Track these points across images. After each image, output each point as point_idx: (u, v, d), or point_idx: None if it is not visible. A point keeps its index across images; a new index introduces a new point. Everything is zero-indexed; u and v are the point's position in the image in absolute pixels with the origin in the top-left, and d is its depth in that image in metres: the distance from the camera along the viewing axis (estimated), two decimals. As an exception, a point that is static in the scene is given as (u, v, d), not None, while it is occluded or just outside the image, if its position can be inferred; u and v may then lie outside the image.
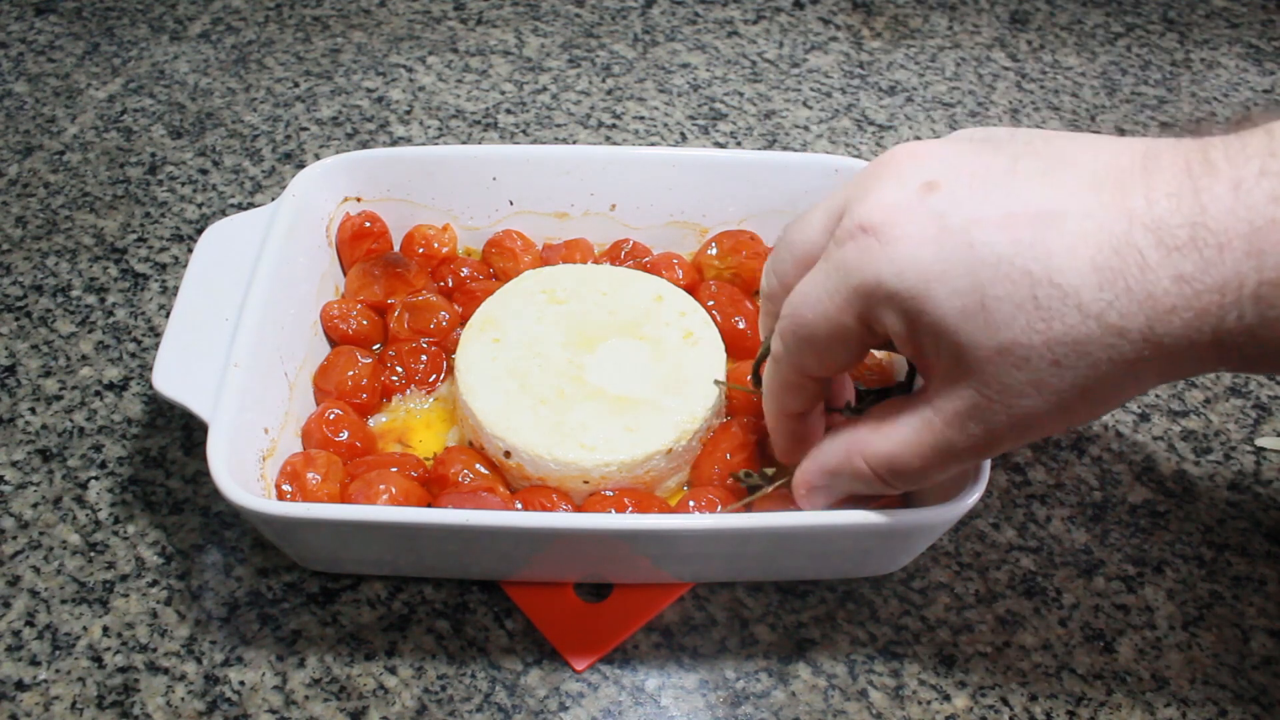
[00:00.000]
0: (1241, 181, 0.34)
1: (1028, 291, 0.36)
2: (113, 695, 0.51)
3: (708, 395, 0.56)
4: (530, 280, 0.63)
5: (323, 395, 0.59)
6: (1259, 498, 0.61)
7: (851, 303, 0.40)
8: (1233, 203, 0.34)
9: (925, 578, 0.56)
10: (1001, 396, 0.38)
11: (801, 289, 0.42)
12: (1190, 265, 0.35)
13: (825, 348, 0.42)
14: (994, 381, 0.38)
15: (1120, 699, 0.52)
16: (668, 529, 0.49)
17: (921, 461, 0.42)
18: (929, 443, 0.41)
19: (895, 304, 0.38)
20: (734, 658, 0.53)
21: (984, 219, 0.37)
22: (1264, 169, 0.34)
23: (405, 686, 0.52)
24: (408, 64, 0.91)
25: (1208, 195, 0.35)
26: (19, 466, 0.61)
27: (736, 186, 0.66)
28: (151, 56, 0.91)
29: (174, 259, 0.73)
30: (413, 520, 0.48)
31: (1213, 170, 0.35)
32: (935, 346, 0.39)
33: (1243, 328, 0.35)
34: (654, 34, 0.96)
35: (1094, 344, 0.36)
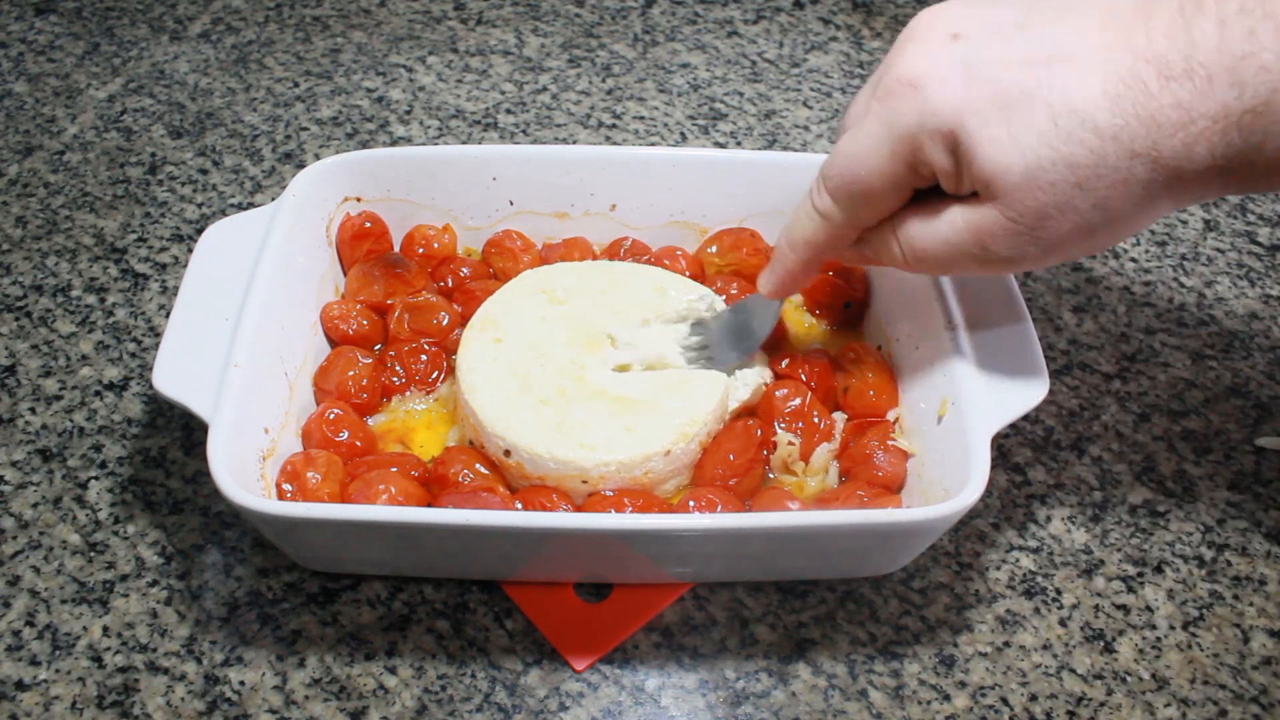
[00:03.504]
0: (1225, 19, 0.39)
1: (1048, 120, 0.40)
2: (113, 695, 0.51)
3: (709, 397, 0.56)
4: (529, 280, 0.63)
5: (323, 395, 0.59)
6: (1259, 498, 0.61)
7: (899, 149, 0.44)
8: (1217, 39, 0.39)
9: (925, 578, 0.56)
10: (1026, 218, 0.43)
11: (847, 150, 0.46)
12: (1186, 93, 0.39)
13: (878, 196, 0.47)
14: (1020, 204, 0.42)
15: (1120, 699, 0.52)
16: (668, 529, 0.49)
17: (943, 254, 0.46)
18: (953, 243, 0.46)
19: (937, 140, 0.43)
20: (734, 658, 0.53)
21: (1005, 61, 0.41)
22: (1242, 7, 0.38)
23: (405, 686, 0.52)
24: (408, 64, 0.91)
25: (1197, 32, 0.39)
26: (19, 466, 0.61)
27: (736, 186, 0.66)
28: (151, 56, 0.91)
29: (174, 259, 0.73)
30: (413, 520, 0.48)
31: (1201, 9, 0.39)
32: (971, 176, 0.43)
33: (1234, 152, 0.40)
34: (654, 34, 0.96)
35: (1110, 165, 0.40)
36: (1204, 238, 0.77)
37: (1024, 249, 0.44)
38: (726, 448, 0.56)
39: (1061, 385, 0.66)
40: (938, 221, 0.46)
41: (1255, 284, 0.74)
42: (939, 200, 0.46)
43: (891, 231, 0.48)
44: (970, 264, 0.46)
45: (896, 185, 0.46)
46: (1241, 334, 0.70)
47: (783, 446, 0.57)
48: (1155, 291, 0.73)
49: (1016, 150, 0.41)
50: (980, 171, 0.42)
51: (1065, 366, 0.68)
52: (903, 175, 0.45)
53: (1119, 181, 0.41)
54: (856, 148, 0.46)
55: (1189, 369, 0.68)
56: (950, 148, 0.43)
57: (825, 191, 0.48)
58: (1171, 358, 0.68)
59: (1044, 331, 0.69)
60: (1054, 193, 0.41)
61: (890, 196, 0.47)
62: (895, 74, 0.44)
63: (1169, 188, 0.41)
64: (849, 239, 0.50)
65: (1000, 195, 0.42)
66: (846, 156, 0.46)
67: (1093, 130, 0.40)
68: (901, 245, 0.48)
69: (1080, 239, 0.43)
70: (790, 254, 0.52)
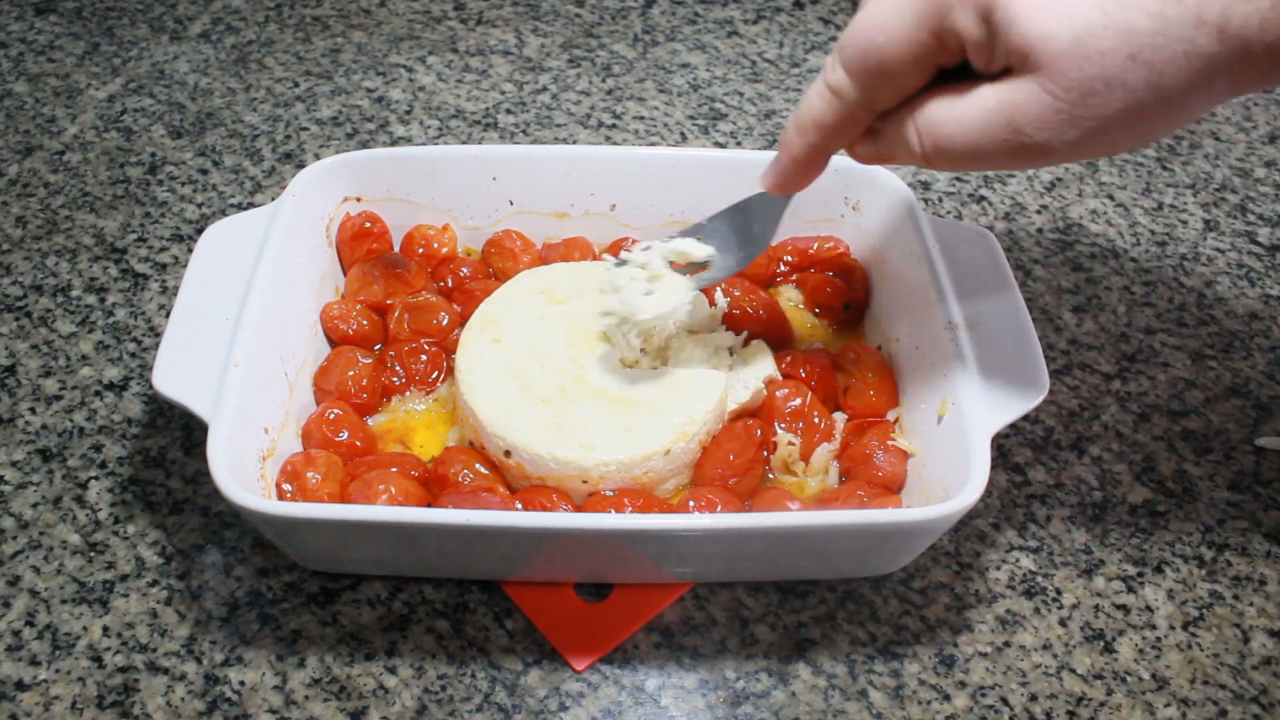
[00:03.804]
0: None
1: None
2: (113, 695, 0.51)
3: (708, 397, 0.56)
4: (528, 280, 0.63)
5: (323, 395, 0.59)
6: (1259, 498, 0.61)
7: (924, 15, 0.39)
8: None
9: (925, 578, 0.56)
10: (1070, 94, 0.37)
11: (866, 18, 0.41)
12: None
13: (897, 71, 0.41)
14: (1064, 77, 0.37)
15: (1120, 699, 0.52)
16: (668, 529, 0.49)
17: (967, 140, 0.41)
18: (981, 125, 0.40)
19: (969, 4, 0.38)
20: (734, 658, 0.53)
21: None
22: None
23: (405, 686, 0.52)
24: (408, 64, 0.91)
25: None
26: (19, 466, 0.61)
27: (736, 186, 0.66)
28: (151, 56, 0.91)
29: (174, 259, 0.73)
30: (413, 520, 0.48)
31: None
32: (1007, 46, 0.38)
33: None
34: (654, 34, 0.96)
35: (1171, 35, 0.36)
36: (1204, 238, 0.77)
37: (1062, 131, 0.39)
38: (727, 447, 0.56)
39: (1061, 385, 0.66)
40: (964, 101, 0.41)
41: (1255, 284, 0.74)
42: (965, 81, 0.41)
43: (910, 116, 0.43)
44: (999, 153, 0.40)
45: (918, 58, 0.41)
46: (1241, 334, 0.70)
47: (783, 446, 0.57)
48: (1155, 291, 0.73)
49: (1064, 13, 0.36)
50: (1020, 38, 0.37)
51: (1065, 366, 0.67)
52: (926, 46, 0.40)
53: (1179, 53, 0.36)
54: (876, 14, 0.41)
55: (1189, 369, 0.68)
56: (984, 14, 0.38)
57: (839, 65, 0.43)
58: (1171, 358, 0.68)
59: (1044, 331, 0.69)
60: (1104, 64, 0.37)
61: (911, 72, 0.42)
62: None
63: (1232, 66, 0.37)
64: (862, 123, 0.45)
65: (1042, 66, 0.37)
66: (865, 25, 0.41)
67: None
68: (920, 133, 0.43)
69: (1126, 123, 0.38)
70: (797, 138, 0.47)
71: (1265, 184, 0.83)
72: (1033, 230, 0.77)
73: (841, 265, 0.66)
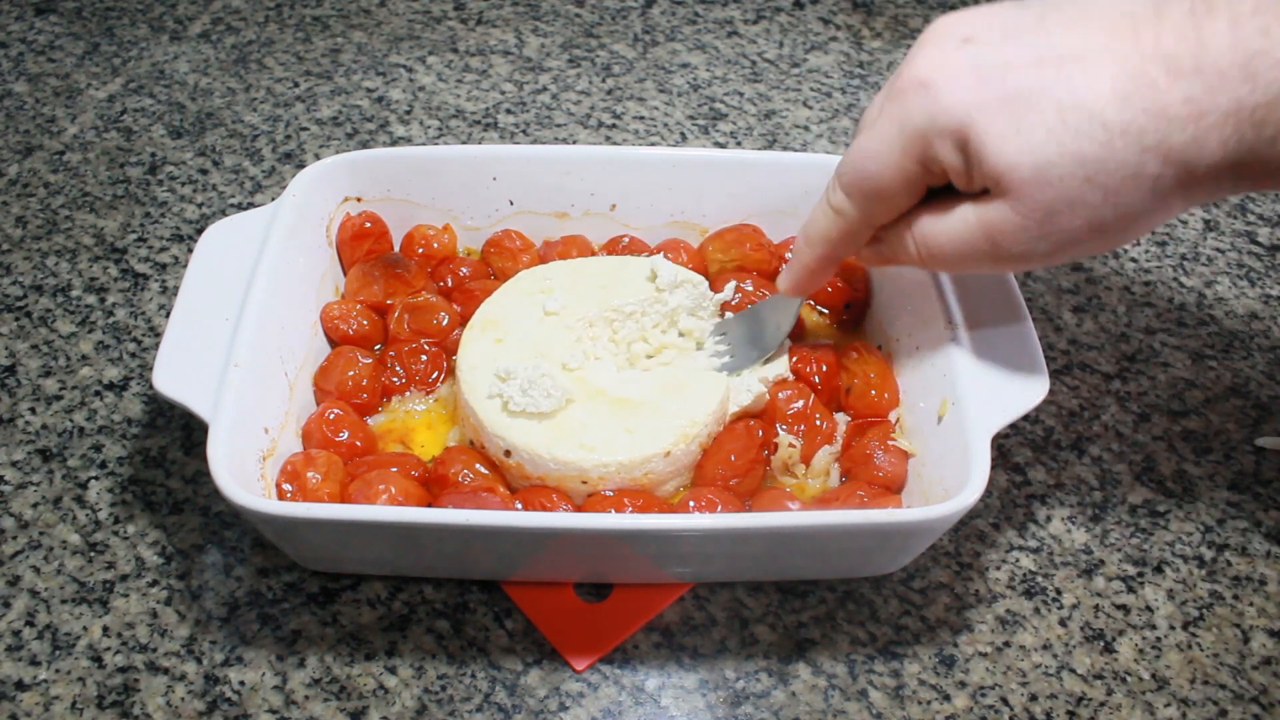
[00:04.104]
0: (1237, 19, 0.39)
1: (1056, 116, 0.41)
2: (113, 695, 0.51)
3: (709, 399, 0.56)
4: (527, 280, 0.62)
5: (323, 395, 0.59)
6: (1259, 498, 0.61)
7: (910, 147, 0.45)
8: (1230, 37, 0.39)
9: (925, 578, 0.56)
10: (1036, 214, 0.43)
11: (861, 148, 0.47)
12: (1196, 89, 0.40)
13: (890, 194, 0.47)
14: (1030, 200, 0.43)
15: (1120, 699, 0.52)
16: (668, 529, 0.49)
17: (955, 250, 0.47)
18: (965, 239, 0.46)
19: (947, 137, 0.44)
20: (734, 658, 0.53)
21: (1016, 63, 0.42)
22: (1257, 7, 0.39)
23: (405, 686, 0.52)
24: (408, 64, 0.91)
25: (1208, 31, 0.40)
26: (19, 466, 0.61)
27: (736, 186, 0.66)
28: (151, 56, 0.91)
29: (174, 259, 0.73)
30: (413, 520, 0.48)
31: (1212, 10, 0.40)
32: (981, 173, 0.43)
33: (1247, 146, 0.40)
34: (654, 34, 0.96)
35: (1119, 160, 0.41)
36: (1204, 238, 0.77)
37: (1034, 245, 0.44)
38: (728, 448, 0.56)
39: (1061, 385, 0.66)
40: (950, 218, 0.47)
41: (1255, 284, 0.74)
42: (951, 198, 0.47)
43: (906, 229, 0.49)
44: (982, 261, 0.47)
45: (909, 183, 0.47)
46: (1241, 334, 0.70)
47: (784, 448, 0.57)
48: (1155, 291, 0.73)
49: (1025, 147, 0.42)
50: (990, 168, 0.43)
51: (1065, 366, 0.67)
52: (915, 173, 0.46)
53: (1129, 176, 0.41)
54: (870, 146, 0.47)
55: (1189, 369, 0.68)
56: (960, 145, 0.43)
57: (840, 189, 0.49)
58: (1171, 358, 0.68)
59: (1044, 331, 0.69)
60: (1063, 188, 0.42)
61: (903, 194, 0.47)
62: (908, 74, 0.45)
63: (1180, 184, 0.42)
64: (864, 236, 0.51)
65: (1010, 191, 0.43)
66: (860, 154, 0.47)
67: (1101, 125, 0.41)
68: (916, 242, 0.49)
69: (1092, 236, 0.44)
70: (808, 250, 0.53)
71: (1265, 184, 0.82)
72: (1033, 230, 0.77)
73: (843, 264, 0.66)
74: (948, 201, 0.47)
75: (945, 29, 0.45)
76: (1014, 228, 0.44)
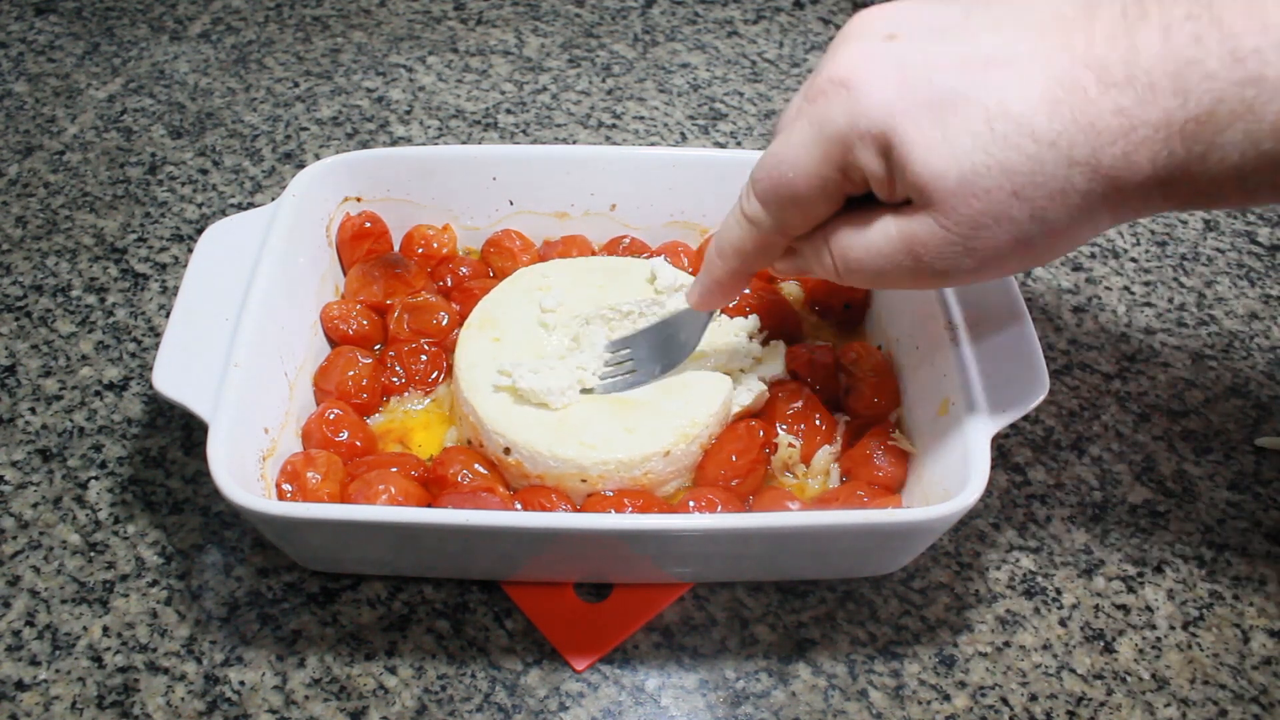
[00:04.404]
0: (1169, 25, 0.37)
1: (984, 124, 0.38)
2: (113, 695, 0.51)
3: (711, 400, 0.56)
4: (525, 278, 0.62)
5: (323, 395, 0.59)
6: (1259, 498, 0.61)
7: (829, 151, 0.42)
8: (1161, 46, 0.37)
9: (925, 578, 0.56)
10: (961, 227, 0.40)
11: (776, 152, 0.44)
12: (1127, 100, 0.37)
13: (807, 202, 0.44)
14: (955, 213, 0.40)
15: (1120, 699, 0.52)
16: (668, 529, 0.49)
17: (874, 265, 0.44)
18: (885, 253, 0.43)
19: (868, 142, 0.40)
20: (734, 658, 0.53)
21: (941, 63, 0.39)
22: (1189, 13, 0.37)
23: (405, 686, 0.52)
24: (408, 64, 0.91)
25: (1141, 38, 0.37)
26: (19, 466, 0.61)
27: (736, 186, 0.66)
28: (151, 56, 0.91)
29: (174, 259, 0.73)
30: (413, 520, 0.48)
31: (1145, 15, 0.38)
32: (904, 182, 0.40)
33: (1177, 163, 0.38)
34: (654, 34, 0.96)
35: (1047, 173, 0.38)
36: (1204, 238, 0.77)
37: (958, 260, 0.41)
38: (729, 448, 0.56)
39: (1061, 385, 0.66)
40: (870, 231, 0.43)
41: (1255, 284, 0.74)
42: (872, 209, 0.43)
43: (823, 240, 0.45)
44: (903, 276, 0.43)
45: (826, 190, 0.43)
46: (1241, 334, 0.70)
47: (784, 449, 0.57)
48: (1155, 291, 0.73)
49: (951, 155, 0.39)
50: (914, 177, 0.40)
51: (1065, 366, 0.67)
52: (833, 180, 0.43)
53: (1057, 191, 0.39)
54: (786, 150, 0.43)
55: (1189, 369, 0.68)
56: (882, 151, 0.40)
57: (754, 196, 0.46)
58: (1171, 358, 0.68)
59: (1044, 331, 0.69)
60: (989, 200, 0.39)
61: (820, 203, 0.44)
62: (827, 73, 0.42)
63: (1108, 199, 0.39)
64: (779, 247, 0.47)
65: (934, 203, 0.40)
66: (775, 159, 0.44)
67: (1030, 136, 0.38)
68: (833, 255, 0.45)
69: (1016, 251, 0.41)
70: (719, 263, 0.49)
71: (1265, 184, 0.82)
72: (1033, 230, 0.77)
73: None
74: (867, 212, 0.44)
75: (867, 24, 0.42)
76: (938, 241, 0.41)
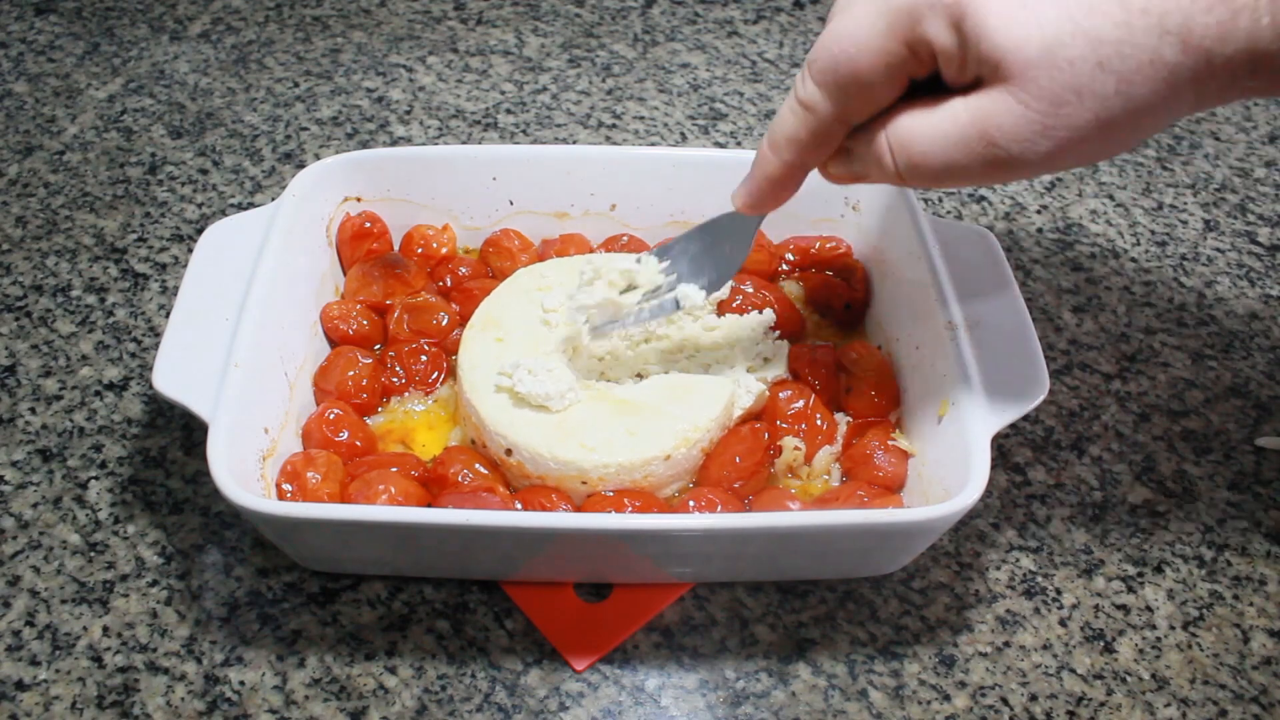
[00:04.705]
0: None
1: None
2: (113, 695, 0.51)
3: (713, 404, 0.56)
4: (524, 278, 0.62)
5: (323, 395, 0.59)
6: (1259, 498, 0.61)
7: (895, 24, 0.39)
8: None
9: (925, 578, 0.56)
10: (1041, 103, 0.38)
11: (837, 30, 0.41)
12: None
13: (869, 83, 0.41)
14: (1034, 86, 0.38)
15: (1120, 699, 0.52)
16: (668, 529, 0.49)
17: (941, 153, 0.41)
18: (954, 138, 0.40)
19: (939, 11, 0.38)
20: (734, 658, 0.53)
21: None
22: None
23: (405, 686, 0.52)
24: (408, 64, 0.91)
25: None
26: (19, 466, 0.61)
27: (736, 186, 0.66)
28: (151, 56, 0.91)
29: (174, 259, 0.73)
30: (413, 520, 0.48)
31: None
32: (978, 55, 0.38)
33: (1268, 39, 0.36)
34: (654, 34, 0.96)
35: (1137, 43, 0.36)
36: (1204, 238, 0.77)
37: (1035, 142, 0.39)
38: (734, 450, 0.56)
39: (1061, 385, 0.66)
40: (936, 114, 0.41)
41: (1255, 284, 0.74)
42: (937, 95, 0.41)
43: (882, 131, 0.43)
44: (973, 165, 0.40)
45: (890, 69, 0.41)
46: (1241, 334, 0.70)
47: (788, 450, 0.57)
48: (1155, 291, 0.73)
49: (1033, 22, 0.37)
50: (990, 48, 0.37)
51: (1065, 366, 0.67)
52: (898, 56, 0.40)
53: (1145, 63, 0.37)
54: (846, 26, 0.41)
55: (1189, 369, 0.68)
56: (954, 22, 0.38)
57: (810, 79, 0.43)
58: (1171, 358, 0.68)
59: (1044, 331, 0.69)
60: (1073, 72, 0.37)
61: (883, 83, 0.41)
62: None
63: (1196, 76, 0.37)
64: (836, 137, 0.45)
65: (1012, 76, 0.38)
66: (834, 37, 0.41)
67: (1118, 2, 0.36)
68: (894, 148, 0.42)
69: (1095, 133, 0.38)
70: (771, 156, 0.47)
71: (1265, 184, 0.83)
72: (1033, 230, 0.77)
73: (842, 265, 0.66)
74: (932, 98, 0.41)
75: None
76: (1014, 119, 0.38)
